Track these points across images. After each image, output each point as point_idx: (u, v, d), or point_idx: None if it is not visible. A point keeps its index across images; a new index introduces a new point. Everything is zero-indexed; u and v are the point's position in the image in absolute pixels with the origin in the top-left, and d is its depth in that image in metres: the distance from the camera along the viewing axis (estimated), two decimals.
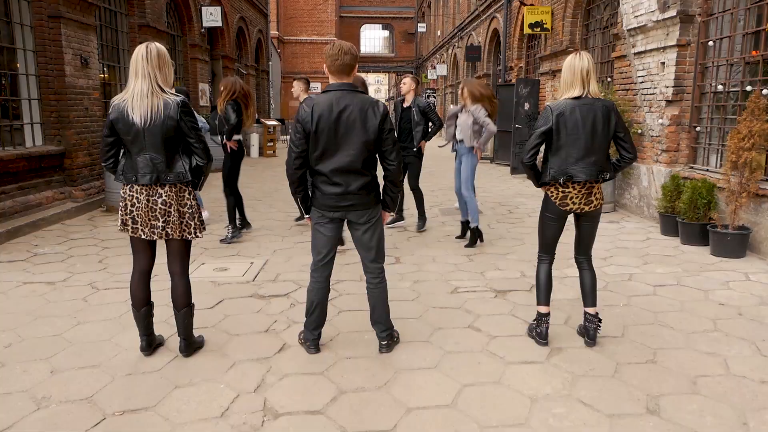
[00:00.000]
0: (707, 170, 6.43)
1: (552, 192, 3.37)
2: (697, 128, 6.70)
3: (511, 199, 9.31)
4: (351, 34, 39.69)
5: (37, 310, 4.09)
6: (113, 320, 3.88)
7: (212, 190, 8.71)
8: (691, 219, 5.90)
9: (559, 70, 10.62)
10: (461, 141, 6.15)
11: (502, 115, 12.65)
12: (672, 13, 6.64)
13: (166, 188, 3.06)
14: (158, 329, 3.49)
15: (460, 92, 6.16)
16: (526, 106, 11.91)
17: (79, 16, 7.63)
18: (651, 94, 7.22)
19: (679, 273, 5.03)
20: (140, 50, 2.99)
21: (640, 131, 7.45)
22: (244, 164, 6.67)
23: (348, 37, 39.13)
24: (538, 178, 3.42)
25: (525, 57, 13.61)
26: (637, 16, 7.46)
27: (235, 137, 6.22)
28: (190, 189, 3.15)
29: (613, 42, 8.75)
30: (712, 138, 6.54)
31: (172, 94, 3.02)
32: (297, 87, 6.57)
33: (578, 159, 3.24)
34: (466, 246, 6.08)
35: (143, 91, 2.95)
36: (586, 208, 3.36)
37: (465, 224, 6.37)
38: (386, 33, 45.64)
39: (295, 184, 3.14)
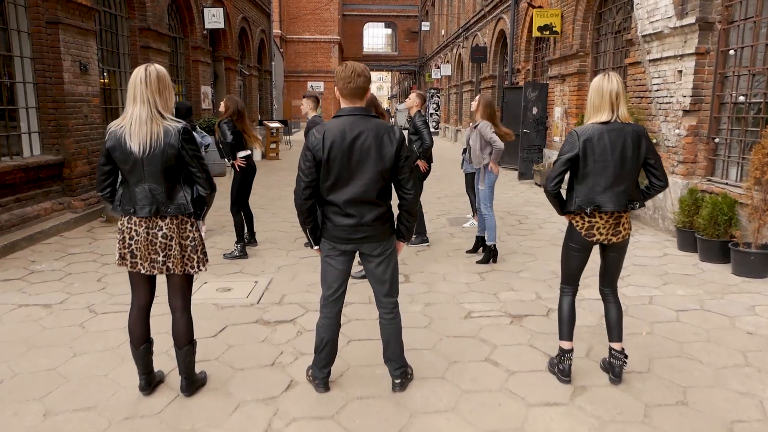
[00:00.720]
0: (726, 184, 6.21)
1: (577, 221, 3.16)
2: (716, 140, 6.48)
3: (520, 207, 9.10)
4: (354, 32, 39.47)
5: (32, 338, 3.90)
6: (111, 351, 3.69)
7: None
8: (711, 236, 5.69)
9: (569, 74, 10.52)
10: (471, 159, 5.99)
11: (509, 118, 12.46)
12: (690, 20, 6.41)
13: (167, 220, 2.87)
14: (158, 362, 3.31)
15: (475, 105, 5.95)
16: (534, 110, 11.69)
17: (78, 22, 7.43)
18: (667, 102, 7.00)
19: (701, 295, 4.83)
20: (139, 73, 2.78)
21: (655, 141, 7.23)
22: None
23: (351, 36, 38.93)
24: (562, 206, 3.22)
25: (533, 59, 13.38)
26: (652, 22, 7.24)
27: (242, 153, 6.05)
28: (193, 220, 2.96)
29: (626, 47, 8.53)
30: (732, 150, 6.32)
31: (172, 120, 2.83)
32: (306, 105, 6.37)
33: (606, 188, 3.03)
34: (479, 262, 5.89)
35: (142, 117, 2.75)
36: (614, 239, 3.15)
37: (480, 239, 6.18)
38: (389, 31, 45.41)
39: (304, 215, 2.95)
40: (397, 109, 39.83)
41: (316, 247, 3.06)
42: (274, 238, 7.01)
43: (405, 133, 6.25)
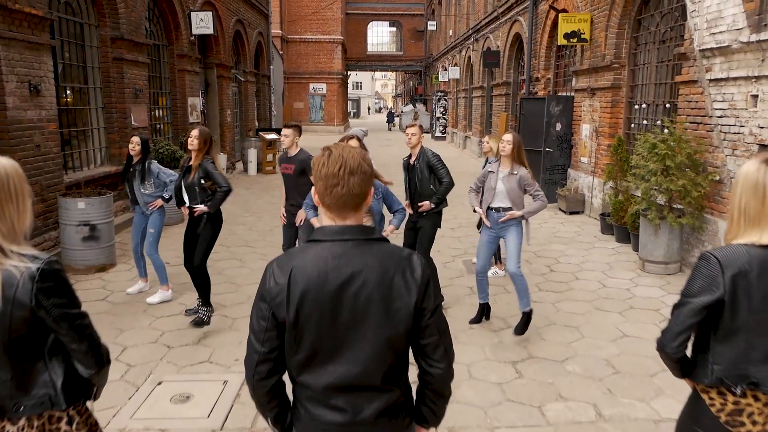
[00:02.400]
0: None
1: (713, 399, 1.92)
2: None
3: (547, 246, 7.86)
4: (357, 31, 38.23)
5: None
6: None
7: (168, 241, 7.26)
8: None
9: (600, 88, 9.22)
10: (499, 209, 4.75)
11: (527, 131, 11.22)
12: None
13: (22, 423, 1.66)
14: None
15: (509, 147, 4.71)
16: (558, 126, 10.44)
17: (25, 35, 6.23)
18: (735, 133, 5.76)
19: None
20: None
21: (717, 178, 5.99)
22: (238, 187, 5.35)
23: (354, 35, 37.68)
24: (686, 370, 2.00)
25: (554, 68, 12.11)
26: (714, 34, 5.98)
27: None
28: (72, 413, 1.75)
29: (673, 61, 7.27)
30: None
31: (24, 255, 1.63)
32: (287, 138, 5.20)
33: None
34: (516, 332, 4.73)
35: None
36: None
37: (484, 307, 5.02)
38: (394, 29, 44.12)
39: (262, 401, 1.75)
40: (402, 111, 38.60)
41: None
42: None
43: (419, 169, 5.28)
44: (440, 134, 28.87)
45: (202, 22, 11.70)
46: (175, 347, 4.60)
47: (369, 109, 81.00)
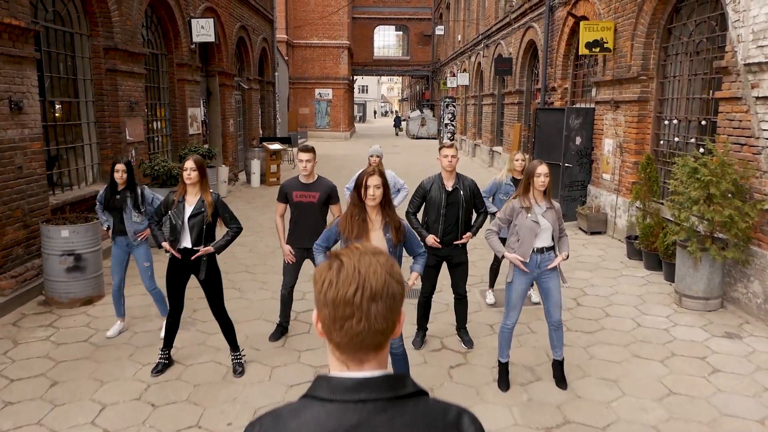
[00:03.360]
0: None
1: None
2: None
3: (571, 273, 7.23)
4: (364, 36, 37.76)
5: None
6: None
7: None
8: None
9: (626, 101, 8.59)
10: (543, 249, 4.18)
11: (542, 144, 10.66)
12: None
13: None
14: None
15: (539, 179, 4.13)
16: (578, 140, 9.86)
17: (6, 47, 5.73)
18: None
19: None
20: None
21: (767, 206, 5.39)
22: (239, 200, 4.84)
23: (361, 40, 37.21)
24: None
25: (572, 77, 11.53)
26: (762, 47, 5.40)
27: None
28: None
29: (713, 75, 6.69)
30: None
31: None
32: (309, 163, 4.85)
33: None
34: (560, 386, 4.26)
35: None
36: None
37: (505, 367, 4.40)
38: (400, 33, 43.61)
39: None
40: (409, 116, 38.05)
41: None
42: (258, 340, 5.22)
43: (464, 195, 4.78)
44: (449, 141, 28.29)
45: (203, 30, 11.20)
46: (160, 406, 4.05)
47: (375, 113, 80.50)
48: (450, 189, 4.67)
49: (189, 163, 4.22)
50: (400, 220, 3.62)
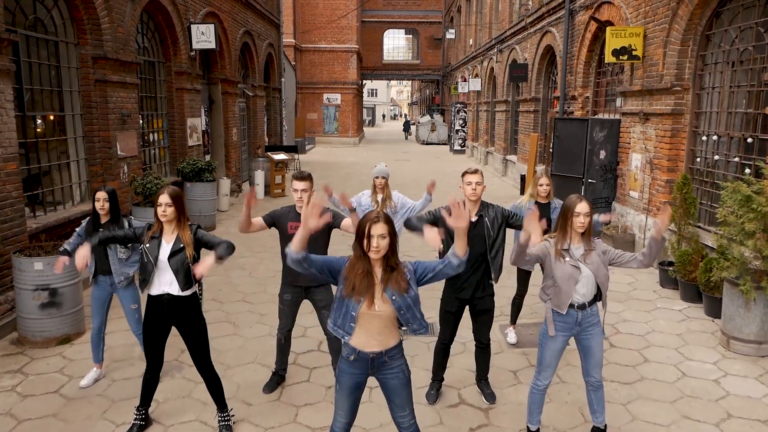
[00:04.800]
0: None
1: None
2: None
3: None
4: (373, 39, 37.19)
5: None
6: None
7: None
8: None
9: (657, 114, 7.88)
10: (584, 306, 3.53)
11: (562, 154, 9.98)
12: None
13: None
14: None
15: (577, 219, 3.49)
16: (602, 154, 9.17)
17: None
18: None
19: None
20: None
21: None
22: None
23: (370, 43, 36.66)
24: None
25: (593, 86, 10.84)
26: None
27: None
28: None
29: (761, 88, 5.99)
30: None
31: None
32: (305, 193, 4.20)
33: None
34: None
35: None
36: None
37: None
38: (410, 36, 43.00)
39: None
40: (419, 121, 37.40)
41: None
42: (249, 387, 4.59)
43: (489, 225, 3.90)
44: (459, 147, 27.62)
45: (203, 36, 10.64)
46: None
47: (383, 116, 79.95)
48: (474, 220, 4.02)
49: (163, 198, 3.61)
50: (397, 263, 2.88)
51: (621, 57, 8.21)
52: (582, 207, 3.44)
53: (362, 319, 2.86)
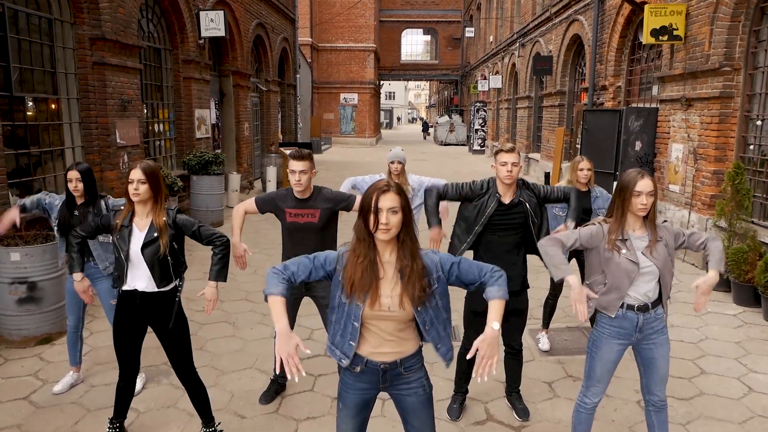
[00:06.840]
0: None
1: None
2: None
3: None
4: (391, 39, 36.71)
5: None
6: None
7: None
8: None
9: (699, 99, 7.18)
10: (646, 307, 2.87)
11: (591, 148, 9.27)
12: None
13: None
14: None
15: (639, 200, 2.81)
16: (638, 145, 8.45)
17: None
18: None
19: None
20: None
21: None
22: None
23: (387, 43, 36.17)
24: None
25: (626, 74, 10.11)
26: None
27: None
28: None
29: None
30: None
31: None
32: (304, 175, 3.57)
33: None
34: None
35: None
36: None
37: None
38: (428, 37, 42.41)
39: None
40: (437, 122, 36.76)
41: None
42: (244, 396, 4.00)
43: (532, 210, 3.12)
44: (479, 147, 26.90)
45: (212, 23, 10.16)
46: None
47: (399, 119, 79.39)
48: (508, 203, 3.38)
49: (135, 173, 3.05)
50: (422, 263, 2.19)
51: (661, 37, 7.51)
52: (644, 185, 2.75)
53: (369, 321, 2.24)
